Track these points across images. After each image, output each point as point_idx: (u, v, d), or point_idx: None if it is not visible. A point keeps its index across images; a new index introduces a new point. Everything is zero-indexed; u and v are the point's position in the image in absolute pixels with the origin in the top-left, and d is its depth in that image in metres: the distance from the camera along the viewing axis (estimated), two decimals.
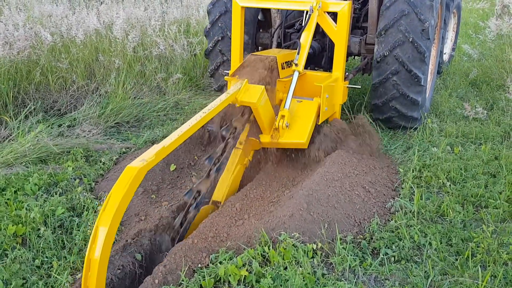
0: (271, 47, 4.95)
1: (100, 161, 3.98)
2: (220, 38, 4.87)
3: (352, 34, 4.73)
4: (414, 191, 3.43)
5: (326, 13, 3.96)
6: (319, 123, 3.83)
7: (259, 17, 5.07)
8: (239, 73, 3.70)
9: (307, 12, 3.96)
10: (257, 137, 3.58)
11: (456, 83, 6.21)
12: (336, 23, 3.96)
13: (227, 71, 4.51)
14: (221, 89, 5.11)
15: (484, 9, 11.48)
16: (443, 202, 3.31)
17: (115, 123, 4.84)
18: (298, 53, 3.73)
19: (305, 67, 4.38)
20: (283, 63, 3.88)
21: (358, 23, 5.05)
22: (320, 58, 4.84)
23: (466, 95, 5.85)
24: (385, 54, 4.29)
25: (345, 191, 3.30)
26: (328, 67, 4.75)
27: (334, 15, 4.05)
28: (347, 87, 4.22)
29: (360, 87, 4.73)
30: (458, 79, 6.35)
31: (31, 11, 6.11)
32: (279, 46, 4.91)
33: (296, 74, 3.71)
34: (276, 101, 3.85)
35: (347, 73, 4.25)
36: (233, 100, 3.26)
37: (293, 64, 3.75)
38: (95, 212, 3.21)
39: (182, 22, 7.25)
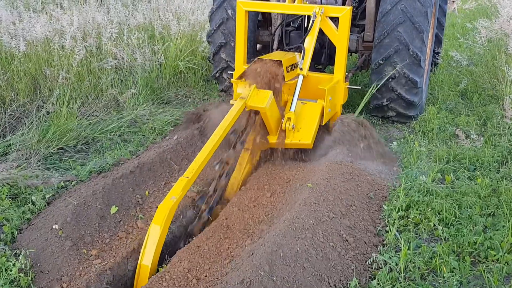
0: (272, 45, 5.16)
1: (30, 201, 3.34)
2: (223, 20, 4.98)
3: (350, 32, 4.63)
4: (400, 238, 2.87)
5: (327, 17, 4.13)
6: (323, 124, 4.02)
7: (259, 17, 5.24)
8: (246, 77, 3.84)
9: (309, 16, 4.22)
10: (265, 139, 3.73)
11: (445, 94, 5.68)
12: (337, 27, 4.12)
13: (230, 64, 4.98)
14: (221, 73, 5.27)
15: (472, 9, 11.03)
16: (434, 254, 2.76)
17: (57, 149, 4.18)
18: (302, 58, 3.94)
19: None
20: (287, 67, 3.96)
21: (355, 21, 5.11)
22: (320, 55, 5.04)
23: (456, 108, 5.32)
24: (386, 35, 4.48)
25: (318, 244, 2.72)
26: (328, 64, 5.07)
27: (334, 19, 4.22)
28: (348, 87, 4.43)
29: (360, 87, 4.75)
30: (447, 90, 5.82)
31: None
32: (279, 43, 5.11)
33: (301, 78, 3.88)
34: (281, 103, 3.93)
35: (346, 73, 4.40)
36: (244, 106, 3.46)
37: (298, 68, 3.93)
38: (8, 274, 2.58)
39: (146, 27, 6.59)
